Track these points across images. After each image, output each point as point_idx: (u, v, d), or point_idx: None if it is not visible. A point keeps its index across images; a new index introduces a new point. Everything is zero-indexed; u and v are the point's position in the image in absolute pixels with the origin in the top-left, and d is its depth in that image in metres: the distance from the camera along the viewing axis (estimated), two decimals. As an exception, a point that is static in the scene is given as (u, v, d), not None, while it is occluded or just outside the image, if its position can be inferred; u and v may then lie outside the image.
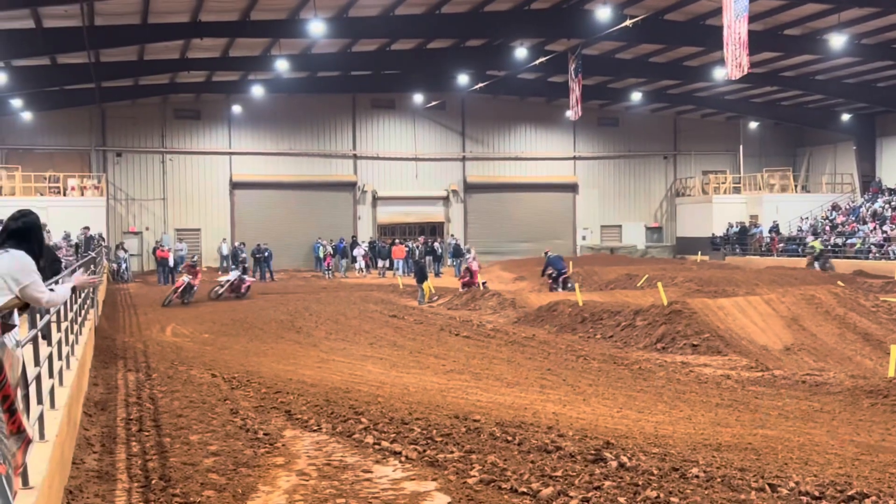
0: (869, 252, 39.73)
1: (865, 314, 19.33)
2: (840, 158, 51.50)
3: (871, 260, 38.55)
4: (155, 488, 6.47)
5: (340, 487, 6.64)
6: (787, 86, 44.09)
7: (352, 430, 8.73)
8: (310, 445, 8.17)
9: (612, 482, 6.74)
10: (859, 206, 46.57)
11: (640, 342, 17.90)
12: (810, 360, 16.44)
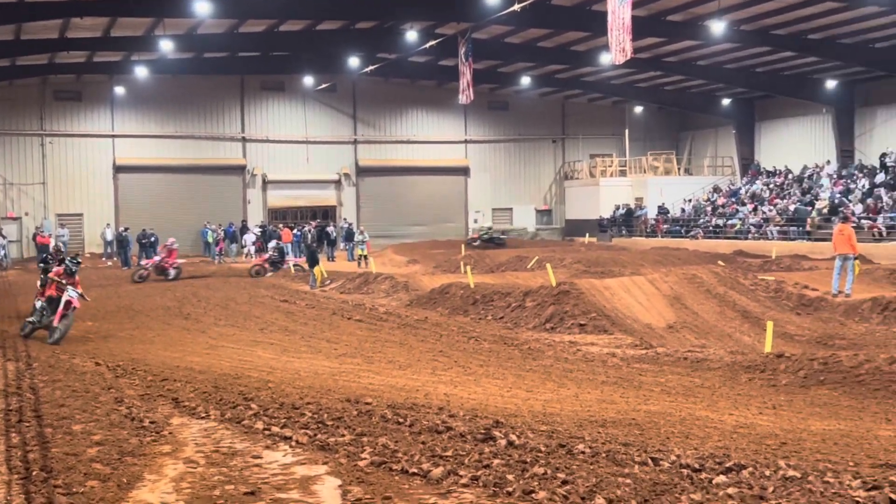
0: (748, 233, 41.17)
1: (744, 292, 20.06)
2: (721, 142, 53.17)
3: (750, 240, 39.95)
4: (36, 479, 6.29)
5: (229, 474, 6.57)
6: (670, 71, 45.23)
7: (241, 417, 8.63)
8: (198, 433, 8.06)
9: (501, 460, 6.84)
10: (739, 189, 48.19)
11: (529, 323, 18.18)
12: (692, 337, 16.98)
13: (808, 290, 21.01)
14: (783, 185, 45.75)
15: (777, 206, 42.37)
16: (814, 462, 7.07)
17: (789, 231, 39.46)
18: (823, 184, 43.03)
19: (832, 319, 18.62)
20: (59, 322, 15.74)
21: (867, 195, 38.99)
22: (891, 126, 42.83)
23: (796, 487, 6.05)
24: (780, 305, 19.65)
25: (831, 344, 15.91)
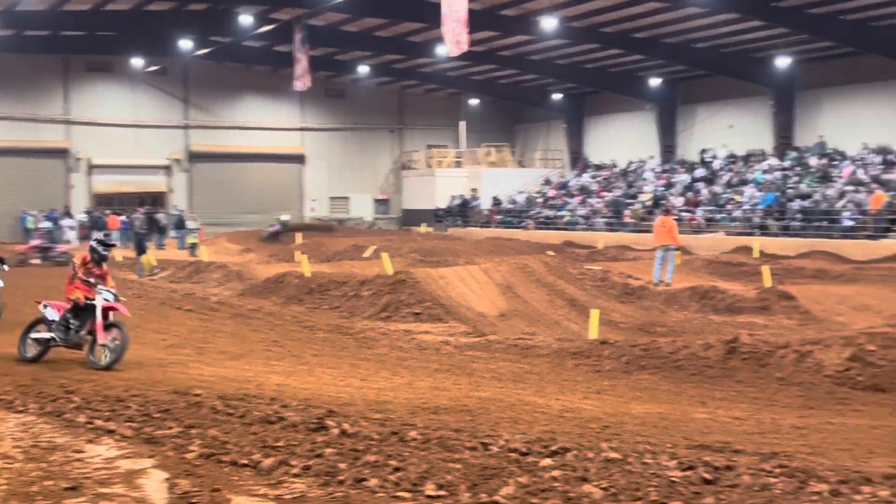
0: (577, 224, 42.54)
1: (572, 282, 20.72)
2: (552, 135, 54.60)
3: (578, 231, 41.27)
4: None
5: (49, 469, 6.30)
6: (504, 65, 46.15)
7: (62, 410, 8.29)
8: (15, 427, 7.68)
9: (334, 449, 6.84)
10: (568, 181, 49.68)
11: (365, 312, 18.20)
12: (523, 324, 17.42)
13: (632, 279, 21.91)
14: (610, 178, 47.47)
15: (604, 198, 43.94)
16: (634, 444, 7.39)
17: (615, 222, 40.99)
18: (647, 178, 44.91)
19: (653, 307, 19.47)
20: (108, 338, 11.57)
21: (687, 189, 40.96)
22: (710, 123, 45.10)
23: (617, 468, 6.32)
24: (606, 294, 20.41)
25: (652, 331, 16.63)
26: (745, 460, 6.64)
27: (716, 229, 36.33)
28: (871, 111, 38.02)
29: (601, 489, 5.71)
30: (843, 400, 10.29)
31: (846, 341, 11.49)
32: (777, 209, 35.32)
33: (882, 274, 24.50)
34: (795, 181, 37.07)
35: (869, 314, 17.99)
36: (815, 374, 11.06)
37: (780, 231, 34.09)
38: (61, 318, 11.85)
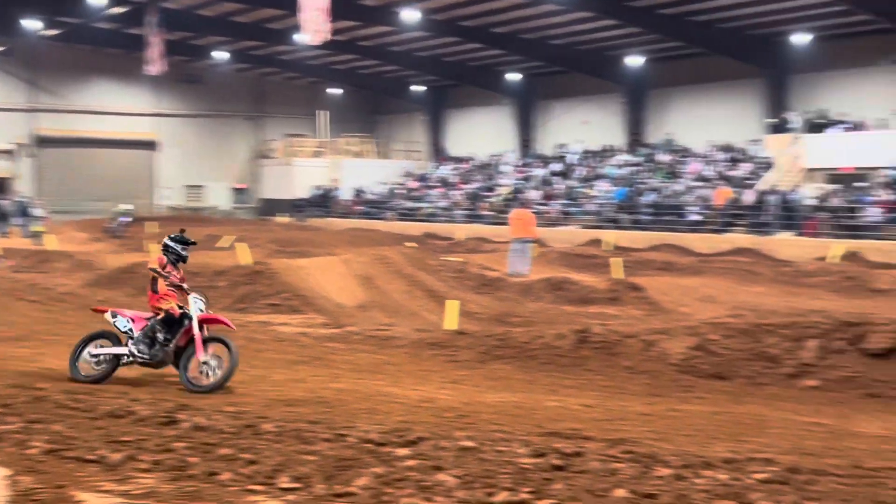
0: (437, 216, 42.86)
1: (431, 272, 20.87)
2: (414, 127, 54.83)
3: (438, 223, 41.59)
4: None
5: None
6: (365, 55, 46.03)
7: None
8: None
9: (185, 443, 6.69)
10: (429, 173, 50.00)
11: (221, 303, 17.83)
12: (382, 315, 17.43)
13: (489, 270, 22.23)
14: (469, 171, 48.01)
15: (463, 191, 44.42)
16: (488, 432, 7.50)
17: (474, 215, 41.48)
18: (505, 171, 45.65)
19: (509, 298, 19.82)
20: (209, 354, 9.81)
21: (544, 183, 41.85)
22: (566, 119, 46.21)
23: (471, 457, 6.40)
24: (464, 285, 20.65)
25: (508, 321, 16.90)
26: (593, 446, 6.83)
27: (570, 222, 37.25)
28: (717, 110, 39.74)
29: (455, 477, 5.78)
30: (688, 387, 10.72)
31: (690, 331, 11.98)
32: (628, 203, 36.50)
33: (725, 266, 25.67)
34: (646, 176, 38.40)
35: (712, 305, 18.80)
36: (661, 362, 11.48)
37: (630, 224, 35.24)
38: (146, 331, 9.98)
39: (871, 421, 9.07)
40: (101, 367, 10.00)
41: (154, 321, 10.03)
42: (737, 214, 32.62)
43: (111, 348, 10.05)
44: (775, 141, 35.41)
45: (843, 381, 10.49)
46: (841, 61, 35.03)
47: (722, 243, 31.14)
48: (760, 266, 26.13)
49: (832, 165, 33.18)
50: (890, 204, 29.20)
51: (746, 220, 31.98)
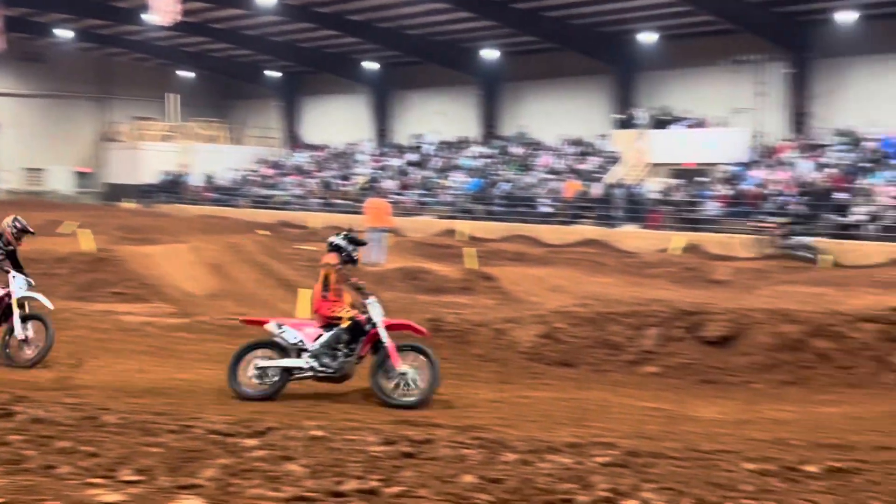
0: (291, 204, 42.37)
1: (284, 261, 20.64)
2: (269, 113, 53.98)
3: (292, 211, 41.12)
4: None
5: None
6: (218, 38, 45.01)
7: None
8: None
9: (22, 436, 6.41)
10: (284, 161, 49.36)
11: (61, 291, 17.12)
12: (233, 305, 17.11)
13: (344, 259, 22.11)
14: (325, 159, 47.65)
15: (318, 179, 44.05)
16: (339, 421, 7.50)
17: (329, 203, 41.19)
18: (361, 160, 45.53)
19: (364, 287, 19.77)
20: (406, 365, 9.07)
21: (400, 173, 41.96)
22: (422, 109, 46.43)
23: (321, 446, 6.38)
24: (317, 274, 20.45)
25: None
26: (443, 433, 6.93)
27: (425, 212, 37.49)
28: (568, 104, 40.71)
29: (304, 467, 5.74)
30: (535, 374, 10.99)
31: (539, 320, 12.27)
32: (482, 194, 37.00)
33: (573, 257, 26.39)
34: (499, 168, 39.02)
35: (561, 294, 19.29)
36: (511, 350, 11.72)
37: (484, 215, 35.74)
38: (329, 342, 9.15)
39: (707, 406, 9.52)
40: (271, 382, 9.14)
41: (339, 331, 9.19)
42: (585, 207, 33.54)
43: (281, 360, 9.20)
44: (622, 136, 36.58)
45: (681, 367, 10.96)
46: (684, 60, 36.46)
47: (571, 235, 31.96)
48: (607, 257, 26.98)
49: (675, 161, 34.53)
50: (728, 198, 30.62)
51: (594, 212, 32.92)
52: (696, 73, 36.49)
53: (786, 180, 29.86)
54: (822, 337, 11.04)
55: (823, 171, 29.77)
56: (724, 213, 30.29)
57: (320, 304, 9.37)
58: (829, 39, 32.63)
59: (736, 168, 32.32)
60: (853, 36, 31.64)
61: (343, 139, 48.86)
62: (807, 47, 33.36)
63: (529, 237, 32.18)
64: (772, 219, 27.86)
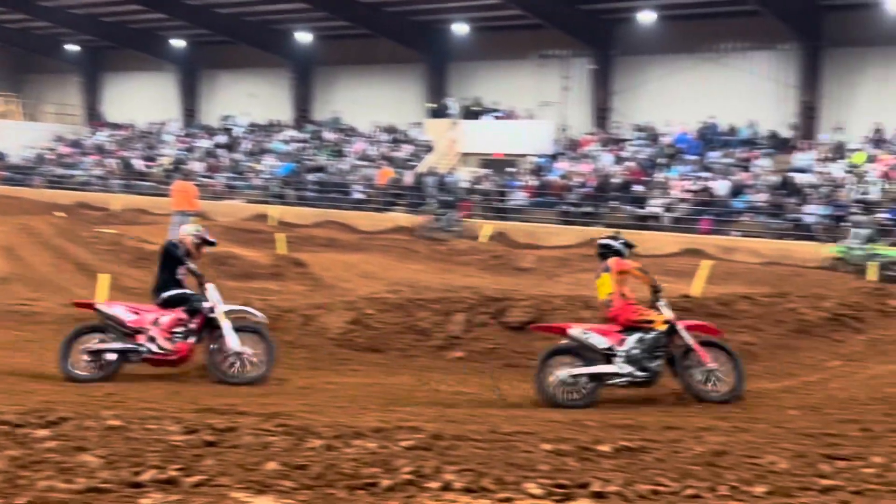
0: (91, 184, 40.50)
1: (83, 244, 19.74)
2: (68, 89, 51.27)
3: (92, 192, 39.32)
4: None
5: None
6: (11, 7, 42.38)
7: None
8: None
9: None
10: (83, 139, 47.09)
11: None
12: (25, 290, 16.26)
13: (147, 243, 21.38)
14: (128, 138, 45.80)
15: (121, 159, 42.29)
16: (138, 410, 7.26)
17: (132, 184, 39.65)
18: (167, 140, 44.05)
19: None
20: (714, 363, 9.12)
21: (208, 155, 40.88)
22: (232, 90, 45.34)
23: (118, 436, 6.16)
24: (119, 258, 19.71)
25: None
26: (248, 421, 6.82)
27: (235, 196, 36.72)
28: (381, 92, 40.80)
29: (99, 457, 5.53)
30: (344, 360, 11.01)
31: (348, 306, 12.30)
32: (294, 179, 36.59)
33: (385, 244, 26.56)
34: (312, 153, 38.70)
35: (372, 281, 19.41)
36: (320, 337, 11.69)
37: (296, 201, 35.36)
38: (648, 347, 9.02)
39: (512, 389, 9.81)
40: (583, 391, 8.98)
41: (658, 335, 9.05)
42: (398, 194, 33.77)
43: (592, 368, 8.97)
44: (435, 125, 37.04)
45: (485, 352, 11.25)
46: (495, 53, 37.28)
47: (383, 221, 32.12)
48: (418, 244, 27.29)
49: (485, 151, 35.29)
50: (534, 189, 31.59)
51: (406, 199, 33.20)
52: (506, 65, 37.36)
53: (588, 172, 31.09)
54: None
55: (623, 165, 31.19)
56: (530, 203, 31.23)
57: (623, 308, 9.22)
58: (630, 38, 34.17)
59: (542, 159, 33.37)
60: (652, 36, 33.26)
61: (148, 118, 47.08)
62: (610, 45, 34.81)
63: (342, 223, 32.12)
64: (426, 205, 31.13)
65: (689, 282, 16.11)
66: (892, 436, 7.03)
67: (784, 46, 31.33)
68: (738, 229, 26.90)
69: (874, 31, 29.20)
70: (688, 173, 29.57)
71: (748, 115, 31.36)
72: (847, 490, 5.36)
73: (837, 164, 27.82)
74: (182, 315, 9.67)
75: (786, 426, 7.53)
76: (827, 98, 30.66)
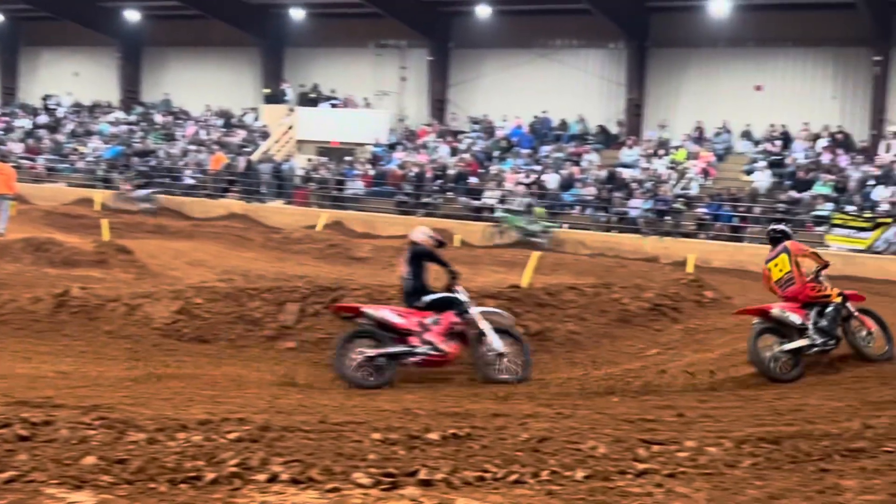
0: None
1: None
2: None
3: None
4: None
5: None
6: None
7: None
8: None
9: None
10: None
11: None
12: None
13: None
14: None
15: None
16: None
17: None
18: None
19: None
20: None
21: (28, 136, 38.86)
22: (54, 68, 43.17)
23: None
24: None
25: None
26: (65, 414, 6.54)
27: (57, 180, 35.07)
28: (215, 75, 39.82)
29: None
30: (170, 351, 10.70)
31: (175, 295, 11.94)
32: (122, 163, 35.26)
33: (217, 231, 25.95)
34: (141, 136, 37.38)
35: (203, 269, 18.92)
36: (144, 326, 11.31)
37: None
38: (834, 316, 10.27)
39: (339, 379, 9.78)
40: (787, 365, 9.94)
41: (837, 306, 10.24)
42: (231, 181, 33.07)
43: (793, 343, 9.96)
44: (270, 111, 36.47)
45: (318, 342, 11.17)
46: (333, 40, 36.96)
47: (216, 208, 31.41)
48: (252, 232, 26.78)
49: (322, 139, 34.99)
50: (371, 178, 31.56)
51: (240, 186, 32.56)
52: (344, 53, 37.14)
53: (425, 163, 31.33)
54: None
55: (459, 157, 31.58)
56: (366, 193, 31.20)
57: (804, 286, 10.30)
58: (467, 31, 34.57)
59: (379, 149, 33.40)
60: (489, 30, 33.76)
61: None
62: (447, 37, 35.13)
63: (172, 209, 31.22)
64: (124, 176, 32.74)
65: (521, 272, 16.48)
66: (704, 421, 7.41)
67: (613, 45, 32.47)
68: (567, 221, 27.72)
69: (697, 33, 30.64)
70: (521, 166, 30.23)
71: (579, 111, 32.33)
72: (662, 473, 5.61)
73: (661, 160, 29.05)
74: (454, 318, 10.11)
75: (607, 412, 7.82)
76: (653, 96, 31.94)
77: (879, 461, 5.98)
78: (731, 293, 15.81)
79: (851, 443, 6.44)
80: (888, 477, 5.55)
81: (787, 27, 29.38)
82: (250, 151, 34.52)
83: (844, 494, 5.17)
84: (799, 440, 6.49)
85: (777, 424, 7.20)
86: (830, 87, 29.07)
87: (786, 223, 11.74)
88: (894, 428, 6.93)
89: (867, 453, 6.19)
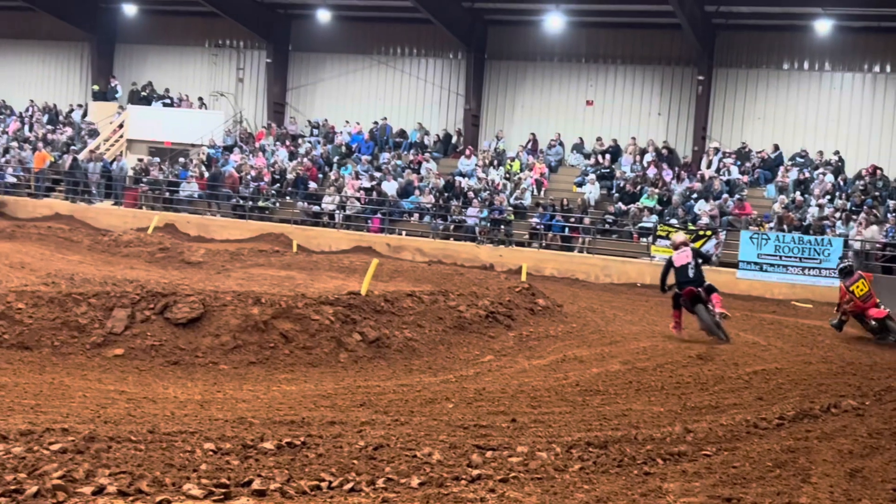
0: None
1: None
2: None
3: None
4: None
5: None
6: None
7: None
8: None
9: None
10: None
11: None
12: None
13: None
14: None
15: None
16: None
17: None
18: None
19: None
20: None
21: None
22: None
23: None
24: None
25: None
26: None
27: None
28: (42, 70, 38.13)
29: None
30: (-13, 359, 10.13)
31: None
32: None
33: (42, 233, 24.77)
34: (-43, 131, 35.29)
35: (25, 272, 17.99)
36: (-41, 333, 10.68)
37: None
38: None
39: (171, 387, 9.53)
40: None
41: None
42: (57, 180, 31.65)
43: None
44: (100, 108, 35.16)
45: (148, 349, 10.83)
46: (167, 38, 35.98)
47: (41, 208, 30.04)
48: (79, 234, 25.69)
49: (154, 138, 33.94)
50: (206, 181, 30.82)
51: (66, 186, 31.20)
52: (179, 51, 36.20)
53: (262, 167, 30.87)
54: (287, 319, 11.61)
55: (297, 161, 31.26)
56: (200, 195, 30.46)
57: (873, 302, 15.88)
58: (307, 35, 34.31)
59: (215, 151, 32.69)
60: (329, 34, 33.62)
61: None
62: (287, 40, 34.75)
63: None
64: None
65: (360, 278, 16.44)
66: (535, 426, 7.62)
67: (453, 56, 32.93)
68: (406, 228, 27.92)
69: (533, 47, 31.49)
70: (360, 172, 30.22)
71: (419, 120, 32.63)
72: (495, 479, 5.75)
73: (497, 170, 29.65)
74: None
75: (442, 419, 7.93)
76: (490, 107, 32.58)
77: (699, 464, 6.31)
78: (561, 301, 16.34)
79: (673, 447, 6.78)
80: (707, 479, 5.87)
81: (618, 45, 30.63)
82: (77, 150, 33.12)
83: (667, 497, 5.44)
84: (625, 444, 6.78)
85: (604, 429, 7.48)
86: (657, 104, 30.42)
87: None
88: (713, 432, 7.33)
89: (688, 457, 6.53)
